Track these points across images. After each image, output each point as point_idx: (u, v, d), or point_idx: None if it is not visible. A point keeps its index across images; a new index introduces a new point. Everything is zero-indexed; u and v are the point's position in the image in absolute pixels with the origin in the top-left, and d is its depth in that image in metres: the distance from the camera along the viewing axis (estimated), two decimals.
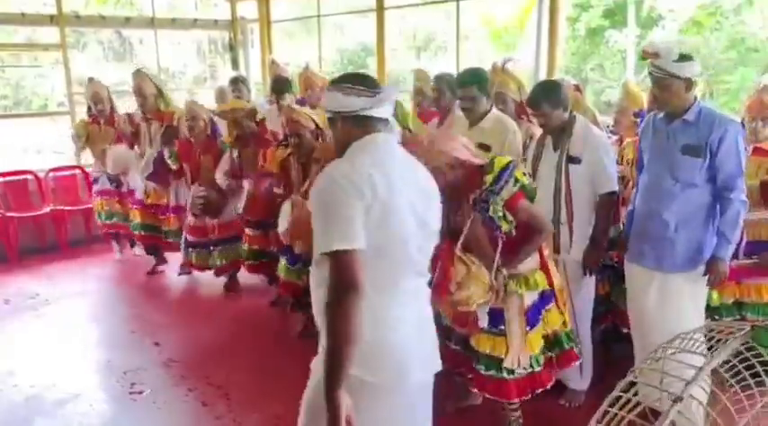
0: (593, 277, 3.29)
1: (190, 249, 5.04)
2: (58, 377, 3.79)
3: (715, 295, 3.26)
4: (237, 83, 5.66)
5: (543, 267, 2.78)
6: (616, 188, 3.17)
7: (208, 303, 5.08)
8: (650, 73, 2.77)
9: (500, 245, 2.58)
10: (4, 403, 3.53)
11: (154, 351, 4.05)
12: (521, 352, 2.67)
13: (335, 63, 16.02)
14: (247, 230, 4.73)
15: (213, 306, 4.99)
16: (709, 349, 1.47)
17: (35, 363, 4.00)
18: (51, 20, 6.86)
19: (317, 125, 3.84)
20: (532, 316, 2.71)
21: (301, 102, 5.48)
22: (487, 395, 2.77)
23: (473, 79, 3.53)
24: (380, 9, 7.01)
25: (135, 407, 3.46)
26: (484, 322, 2.66)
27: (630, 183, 3.64)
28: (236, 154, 4.71)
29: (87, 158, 6.12)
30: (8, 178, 6.43)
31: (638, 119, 3.78)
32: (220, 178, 4.71)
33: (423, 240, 1.82)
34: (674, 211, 2.82)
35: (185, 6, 12.62)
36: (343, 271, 1.62)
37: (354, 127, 1.82)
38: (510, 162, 2.59)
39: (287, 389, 3.58)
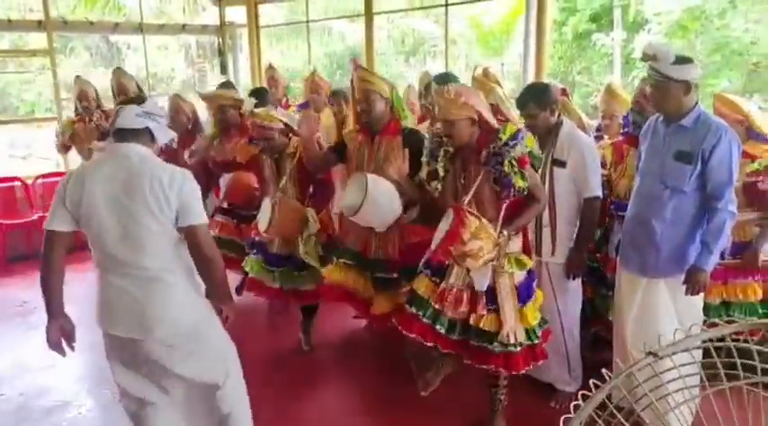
0: (579, 279, 3.32)
1: None
2: (47, 385, 3.77)
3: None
4: (225, 88, 5.60)
5: (526, 250, 2.91)
6: (600, 192, 3.19)
7: None
8: (648, 75, 2.75)
9: (504, 208, 2.69)
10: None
11: None
12: (516, 327, 2.72)
13: (324, 67, 16.06)
14: (218, 216, 4.50)
15: None
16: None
17: (24, 371, 3.98)
18: (39, 25, 6.83)
19: (284, 124, 3.77)
20: (524, 292, 2.78)
21: (305, 106, 5.52)
22: (493, 369, 2.80)
23: (440, 81, 3.65)
24: (369, 14, 7.03)
25: (125, 415, 3.43)
26: (483, 284, 2.71)
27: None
28: (216, 142, 4.45)
29: (73, 160, 5.94)
30: None
31: (623, 122, 3.81)
32: (185, 155, 4.46)
33: (127, 231, 2.27)
34: (661, 217, 2.80)
35: (173, 11, 12.58)
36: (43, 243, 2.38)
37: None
38: (519, 128, 2.70)
39: (284, 386, 3.61)
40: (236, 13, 8.73)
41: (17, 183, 6.52)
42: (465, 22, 14.41)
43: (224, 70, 8.80)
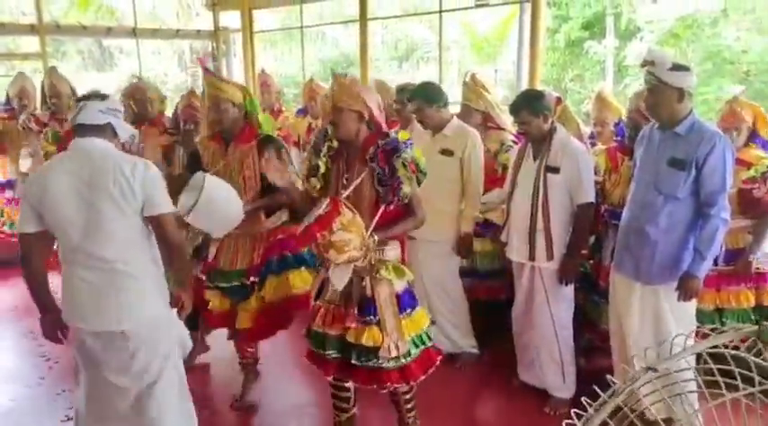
0: (572, 285, 3.32)
1: None
2: (38, 391, 3.73)
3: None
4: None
5: (403, 262, 2.72)
6: (593, 198, 3.20)
7: None
8: (645, 79, 2.77)
9: (380, 211, 2.55)
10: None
11: None
12: (398, 339, 2.55)
13: (318, 73, 16.08)
14: None
15: None
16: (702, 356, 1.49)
17: (15, 377, 3.93)
18: (32, 29, 6.81)
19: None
20: (406, 302, 2.63)
21: (303, 112, 5.52)
22: (377, 387, 2.61)
23: (418, 93, 3.68)
24: (363, 19, 7.05)
25: None
26: (341, 283, 2.50)
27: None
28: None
29: None
30: None
31: (616, 129, 3.84)
32: None
33: (91, 223, 2.31)
34: (655, 223, 2.81)
35: (167, 16, 12.57)
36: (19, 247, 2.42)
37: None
38: (410, 137, 2.61)
39: None
40: (230, 19, 8.73)
41: None
42: (459, 29, 14.47)
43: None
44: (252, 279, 3.15)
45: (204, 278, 3.27)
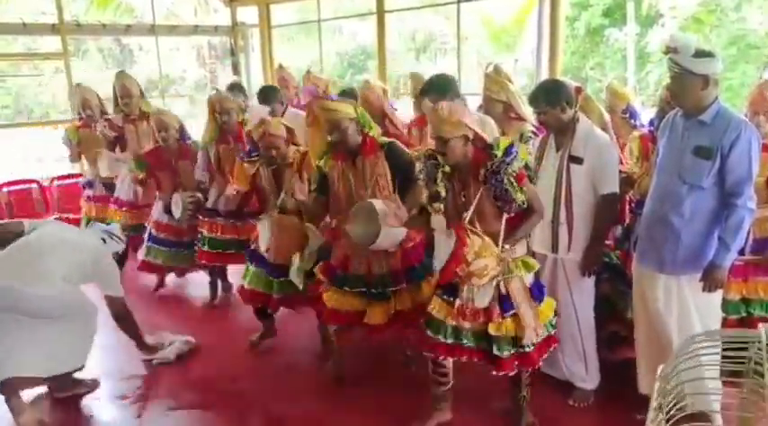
0: (593, 277, 3.29)
1: (156, 247, 4.88)
2: None
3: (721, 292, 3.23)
4: (234, 89, 5.62)
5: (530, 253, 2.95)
6: (617, 189, 3.17)
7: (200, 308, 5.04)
8: (668, 67, 2.71)
9: (505, 220, 2.74)
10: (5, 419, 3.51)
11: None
12: (537, 326, 2.81)
13: (335, 66, 16.07)
14: (208, 218, 4.57)
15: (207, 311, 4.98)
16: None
17: None
18: (53, 28, 6.88)
19: (288, 130, 3.78)
20: (537, 291, 2.86)
21: (302, 106, 5.51)
22: (511, 373, 2.86)
23: (431, 86, 3.74)
24: (381, 12, 7.02)
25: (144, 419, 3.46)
26: (485, 301, 2.76)
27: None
28: (212, 151, 4.58)
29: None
30: (12, 187, 6.46)
31: (627, 115, 3.82)
32: (199, 174, 4.64)
33: None
34: (679, 213, 2.76)
35: (184, 12, 12.63)
36: None
37: None
38: (512, 142, 2.74)
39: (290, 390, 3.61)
40: (248, 14, 8.76)
41: (33, 185, 6.59)
42: (476, 19, 14.35)
43: (236, 70, 8.84)
44: (395, 287, 3.27)
45: (324, 279, 3.41)
